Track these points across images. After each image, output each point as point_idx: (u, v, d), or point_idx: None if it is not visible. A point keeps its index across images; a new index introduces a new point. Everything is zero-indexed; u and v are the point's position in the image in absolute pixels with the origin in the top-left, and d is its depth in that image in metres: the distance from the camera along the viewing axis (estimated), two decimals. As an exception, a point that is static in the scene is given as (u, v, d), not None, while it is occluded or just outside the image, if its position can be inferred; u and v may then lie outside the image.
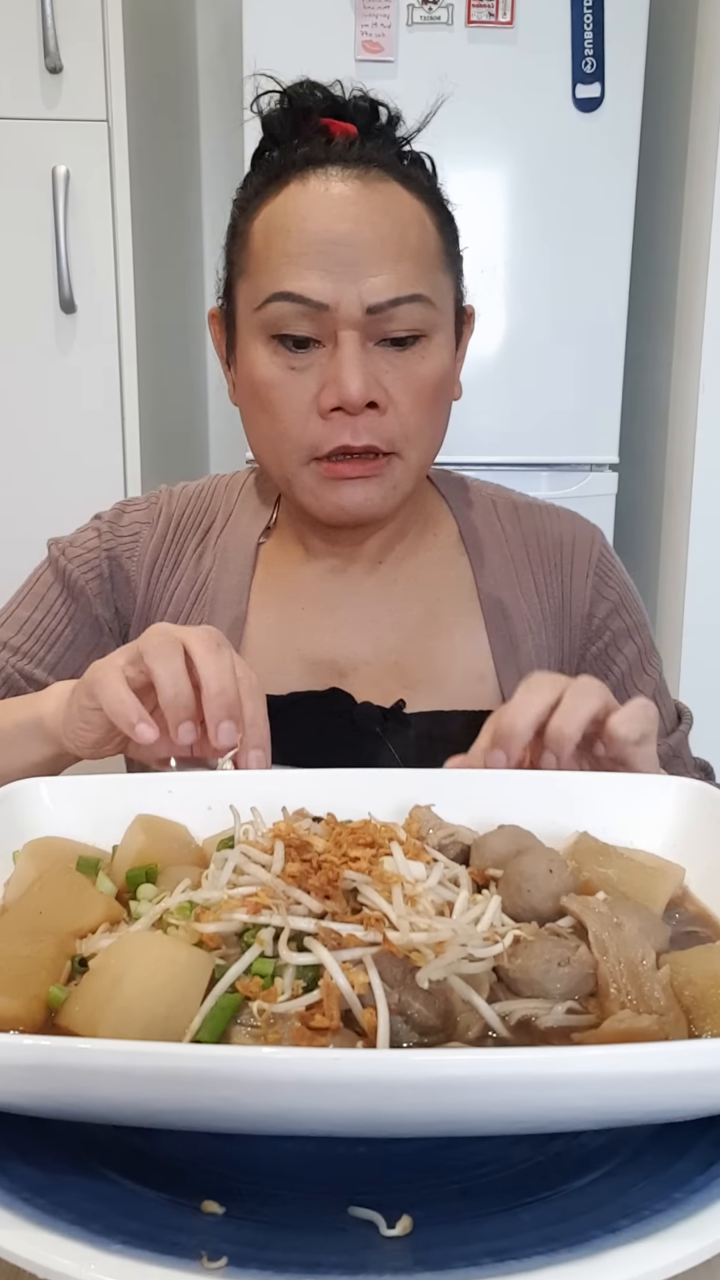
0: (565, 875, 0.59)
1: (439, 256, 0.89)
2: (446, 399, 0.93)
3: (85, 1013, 0.49)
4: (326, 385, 0.86)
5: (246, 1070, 0.41)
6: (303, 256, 0.84)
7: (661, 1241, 0.41)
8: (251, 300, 0.88)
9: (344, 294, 0.84)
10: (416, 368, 0.87)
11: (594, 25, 1.95)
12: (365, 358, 0.85)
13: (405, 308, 0.85)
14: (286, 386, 0.87)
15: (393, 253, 0.85)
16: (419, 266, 0.86)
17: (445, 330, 0.90)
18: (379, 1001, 0.48)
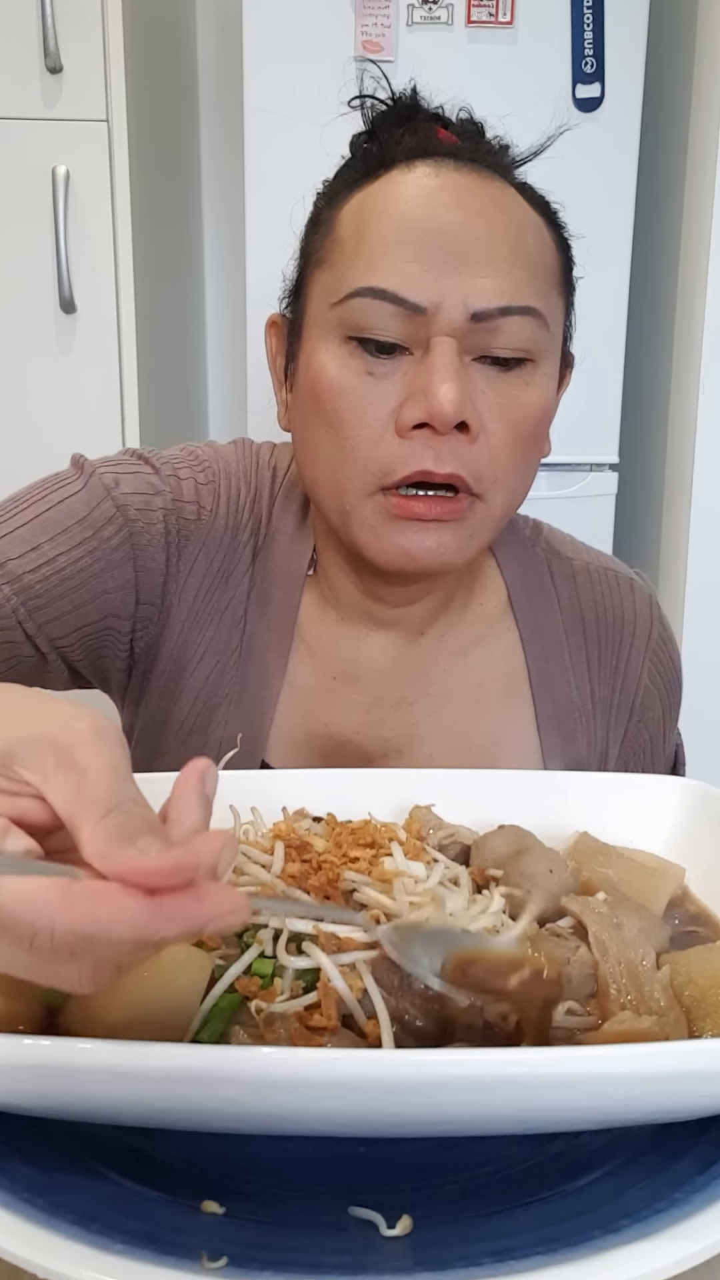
0: (565, 875, 0.59)
1: (557, 275, 0.78)
2: (542, 443, 0.80)
3: (85, 1013, 0.49)
4: (411, 397, 0.72)
5: (246, 1070, 0.41)
6: (402, 246, 0.71)
7: (661, 1241, 0.41)
8: (330, 293, 0.74)
9: (447, 294, 0.71)
10: (520, 394, 0.75)
11: (594, 25, 1.95)
12: (462, 372, 0.72)
13: (516, 320, 0.72)
14: (361, 394, 0.73)
15: (507, 254, 0.73)
16: (535, 277, 0.74)
17: (553, 360, 0.78)
18: (378, 1005, 0.48)
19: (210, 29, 2.50)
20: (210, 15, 2.49)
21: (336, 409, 0.74)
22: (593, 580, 0.91)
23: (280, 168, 1.90)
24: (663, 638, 0.93)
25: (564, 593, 0.90)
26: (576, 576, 0.91)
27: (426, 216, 0.72)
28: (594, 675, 0.89)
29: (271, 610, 0.84)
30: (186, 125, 2.47)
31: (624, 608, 0.91)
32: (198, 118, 2.54)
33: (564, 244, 0.80)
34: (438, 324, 0.72)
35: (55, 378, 1.98)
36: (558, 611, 0.89)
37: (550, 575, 0.91)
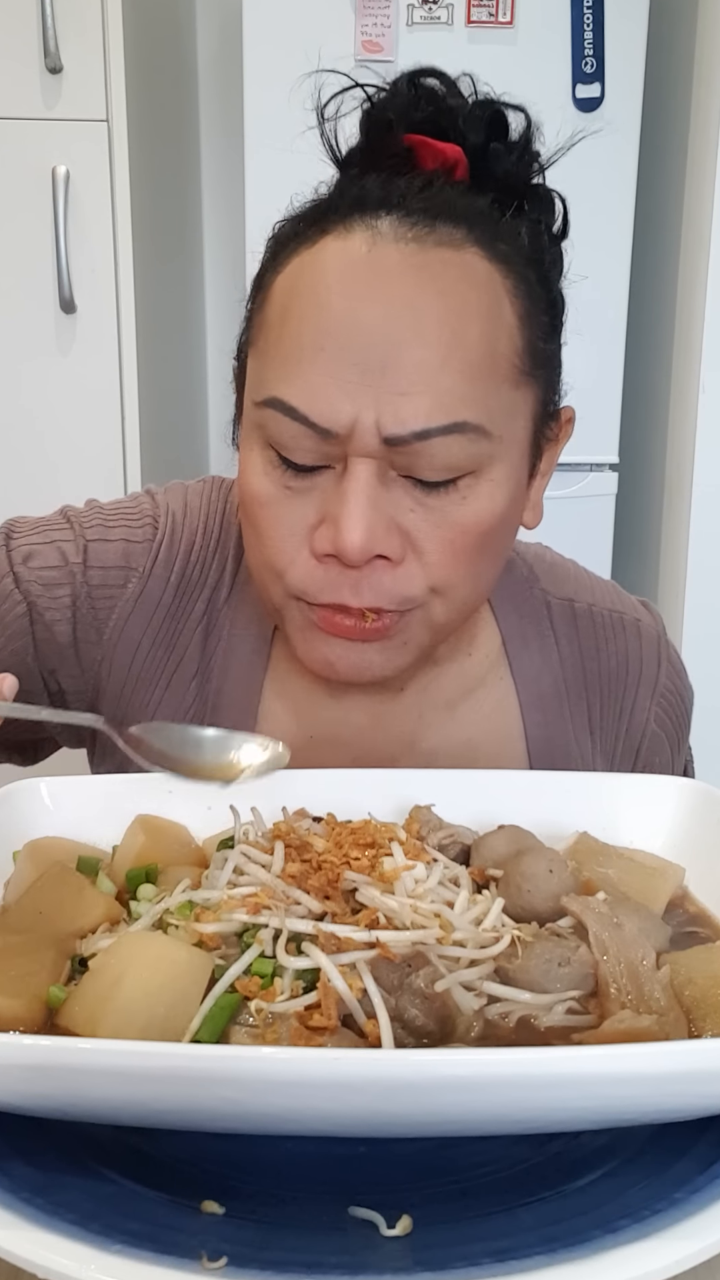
0: (565, 875, 0.59)
1: (512, 364, 0.67)
2: (502, 542, 0.71)
3: (85, 1013, 0.49)
4: (326, 521, 0.66)
5: (247, 1070, 0.41)
6: (317, 353, 0.64)
7: (661, 1241, 0.41)
8: (254, 389, 0.68)
9: (360, 414, 0.63)
10: (455, 511, 0.66)
11: (594, 25, 1.95)
12: (380, 496, 0.65)
13: (439, 442, 0.64)
14: (278, 509, 0.67)
15: (433, 363, 0.63)
16: (472, 380, 0.64)
17: (507, 462, 0.68)
18: (378, 1007, 0.49)
19: (210, 29, 2.50)
20: (210, 15, 2.49)
21: (256, 517, 0.69)
22: (595, 624, 0.84)
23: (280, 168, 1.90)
24: (671, 679, 0.86)
25: (564, 638, 0.83)
26: (578, 620, 0.84)
27: (346, 314, 0.64)
28: (595, 726, 0.83)
29: (237, 665, 0.79)
30: (186, 125, 2.47)
31: (629, 654, 0.84)
32: (198, 118, 2.54)
33: (540, 306, 0.71)
34: (352, 446, 0.64)
35: (55, 378, 1.98)
36: (557, 659, 0.83)
37: (550, 619, 0.83)
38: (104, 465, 2.02)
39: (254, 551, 0.71)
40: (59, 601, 0.78)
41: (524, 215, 0.71)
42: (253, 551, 0.72)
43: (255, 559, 0.72)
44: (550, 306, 0.72)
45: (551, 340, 0.72)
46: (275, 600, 0.71)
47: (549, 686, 0.82)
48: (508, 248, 0.68)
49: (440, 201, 0.67)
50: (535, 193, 0.72)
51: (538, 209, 0.73)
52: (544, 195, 0.73)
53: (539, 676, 0.82)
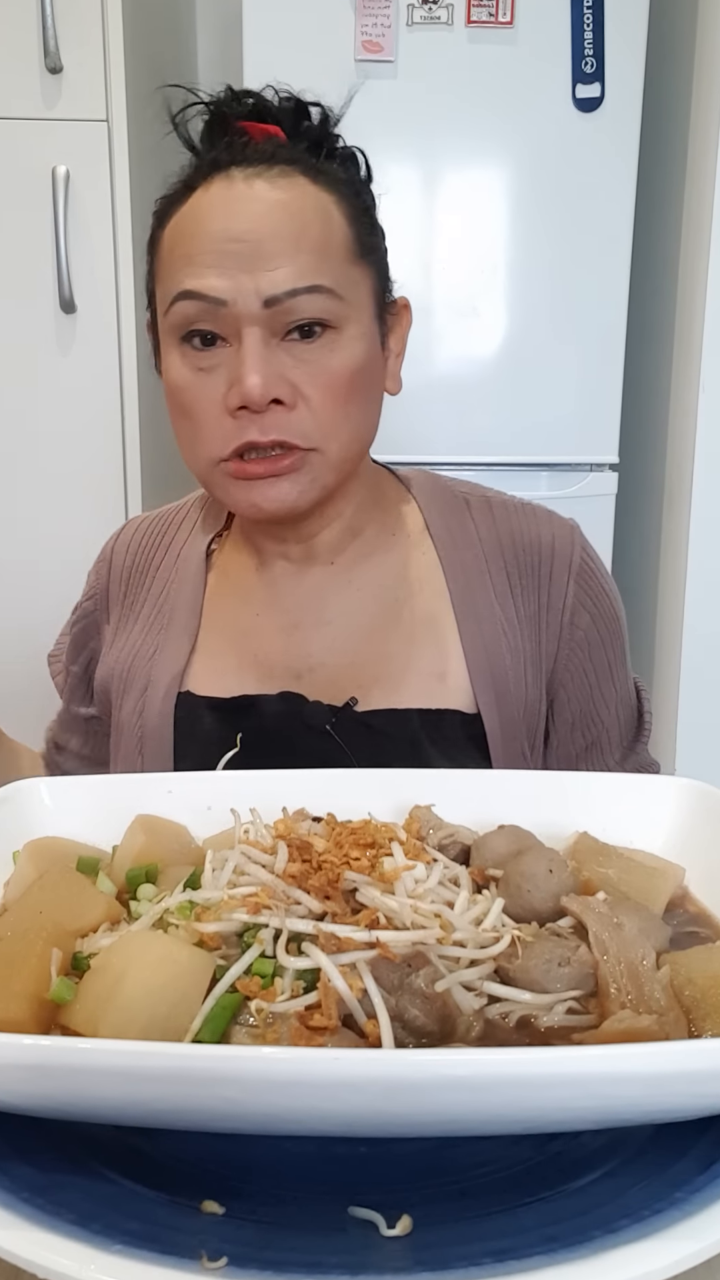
0: (565, 875, 0.59)
1: (347, 248, 0.87)
2: (367, 392, 0.89)
3: (86, 1012, 0.49)
4: (232, 385, 0.84)
5: (247, 1070, 0.41)
6: (201, 255, 0.84)
7: (661, 1241, 0.41)
8: (162, 304, 0.88)
9: (241, 288, 0.83)
10: (326, 360, 0.85)
11: (594, 25, 1.95)
12: (268, 354, 0.84)
13: (305, 299, 0.83)
14: (196, 389, 0.86)
15: (289, 246, 0.83)
16: (321, 258, 0.84)
17: (359, 322, 0.87)
18: (378, 1007, 0.49)
19: (210, 29, 2.50)
20: (210, 15, 2.49)
21: (182, 402, 0.88)
22: (509, 512, 0.99)
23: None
24: (588, 565, 0.97)
25: (483, 525, 0.98)
26: (494, 509, 0.99)
27: (219, 225, 0.85)
28: (517, 596, 0.96)
29: (185, 575, 0.99)
30: (186, 125, 2.46)
31: (541, 534, 0.97)
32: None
33: (360, 212, 0.89)
34: (241, 315, 0.83)
35: (55, 377, 1.98)
36: (477, 541, 0.97)
37: (469, 510, 0.99)
38: (104, 465, 2.03)
39: (185, 435, 0.89)
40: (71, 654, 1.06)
41: (334, 158, 0.91)
42: (184, 439, 0.90)
43: (186, 442, 0.89)
44: (367, 214, 0.91)
45: (373, 235, 0.90)
46: (203, 473, 0.89)
47: (471, 562, 0.96)
48: (327, 176, 0.88)
49: (269, 151, 0.87)
50: (339, 150, 0.92)
51: (343, 158, 0.92)
52: (347, 150, 0.92)
53: (460, 553, 0.97)
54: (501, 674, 0.92)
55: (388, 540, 0.98)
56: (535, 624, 0.95)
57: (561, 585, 0.96)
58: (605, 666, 0.98)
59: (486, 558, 0.97)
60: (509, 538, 0.97)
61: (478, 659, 0.93)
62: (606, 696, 0.98)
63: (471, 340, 2.08)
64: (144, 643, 0.99)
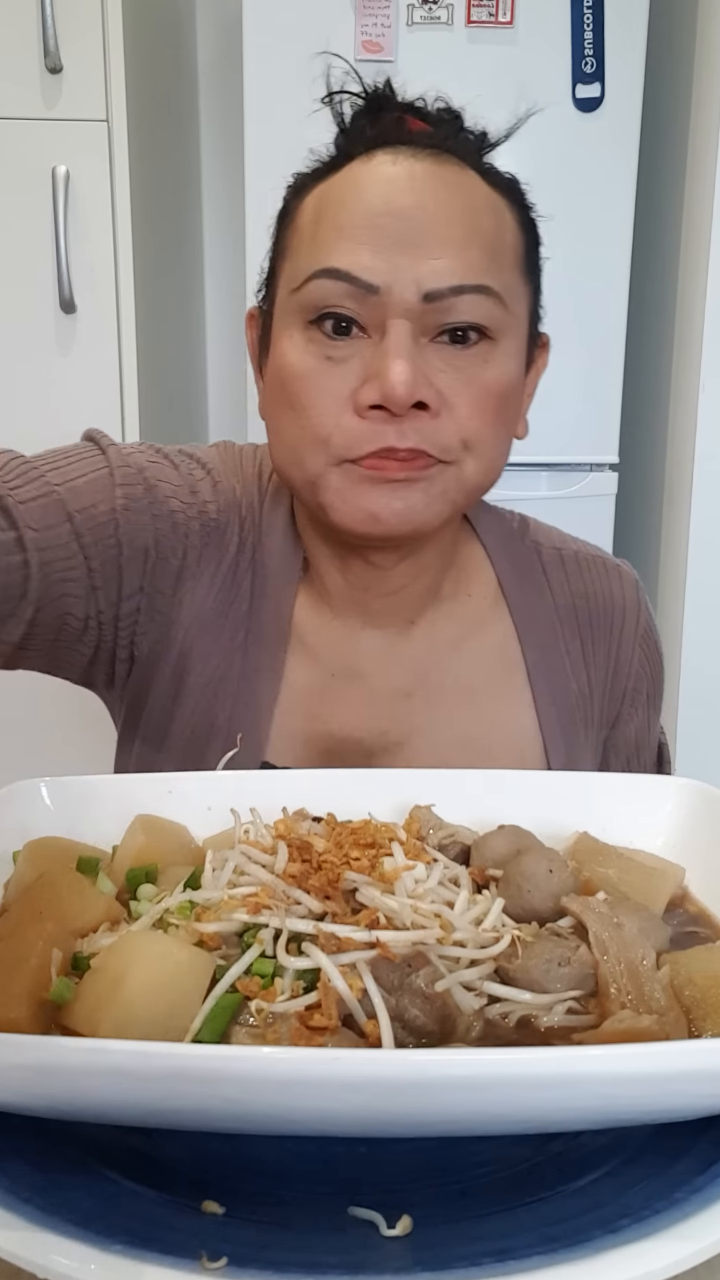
0: (565, 875, 0.59)
1: (516, 255, 0.78)
2: (510, 417, 0.80)
3: (86, 1012, 0.49)
4: (368, 380, 0.73)
5: (247, 1070, 0.41)
6: (356, 229, 0.73)
7: (661, 1241, 0.41)
8: (291, 281, 0.77)
9: (399, 275, 0.72)
10: (480, 371, 0.75)
11: (594, 25, 1.95)
12: (418, 352, 0.73)
13: (470, 299, 0.73)
14: (319, 378, 0.75)
15: (460, 236, 0.73)
16: (491, 257, 0.75)
17: (516, 339, 0.78)
18: (378, 1006, 0.49)
19: (210, 29, 2.50)
20: (210, 15, 2.49)
21: (297, 391, 0.75)
22: (582, 567, 0.92)
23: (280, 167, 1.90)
24: (649, 624, 0.94)
25: (555, 581, 0.91)
26: (566, 564, 0.92)
27: (380, 202, 0.74)
28: (589, 662, 0.90)
29: (267, 610, 0.85)
30: (186, 125, 2.47)
31: (613, 594, 0.92)
32: (198, 118, 2.54)
33: (529, 225, 0.81)
34: (392, 305, 0.73)
35: (55, 377, 1.98)
36: (550, 600, 0.90)
37: (541, 564, 0.91)
38: (104, 465, 2.02)
39: (291, 433, 0.77)
40: (177, 519, 0.83)
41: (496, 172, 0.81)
42: (289, 437, 0.77)
43: (292, 440, 0.77)
44: (534, 228, 0.81)
45: (536, 255, 0.81)
46: (312, 473, 0.76)
47: (544, 624, 0.89)
48: (496, 178, 0.80)
49: (441, 140, 0.78)
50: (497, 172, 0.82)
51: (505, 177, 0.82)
52: (506, 175, 0.82)
53: (535, 615, 0.89)
54: (576, 752, 0.88)
55: (464, 602, 0.89)
56: (604, 690, 0.90)
57: (630, 650, 0.91)
58: (645, 725, 0.95)
59: (561, 622, 0.90)
60: (583, 599, 0.91)
61: (555, 741, 0.87)
62: (644, 757, 0.95)
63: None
64: (234, 666, 0.84)
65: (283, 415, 0.78)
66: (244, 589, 0.85)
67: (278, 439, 0.80)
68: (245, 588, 0.85)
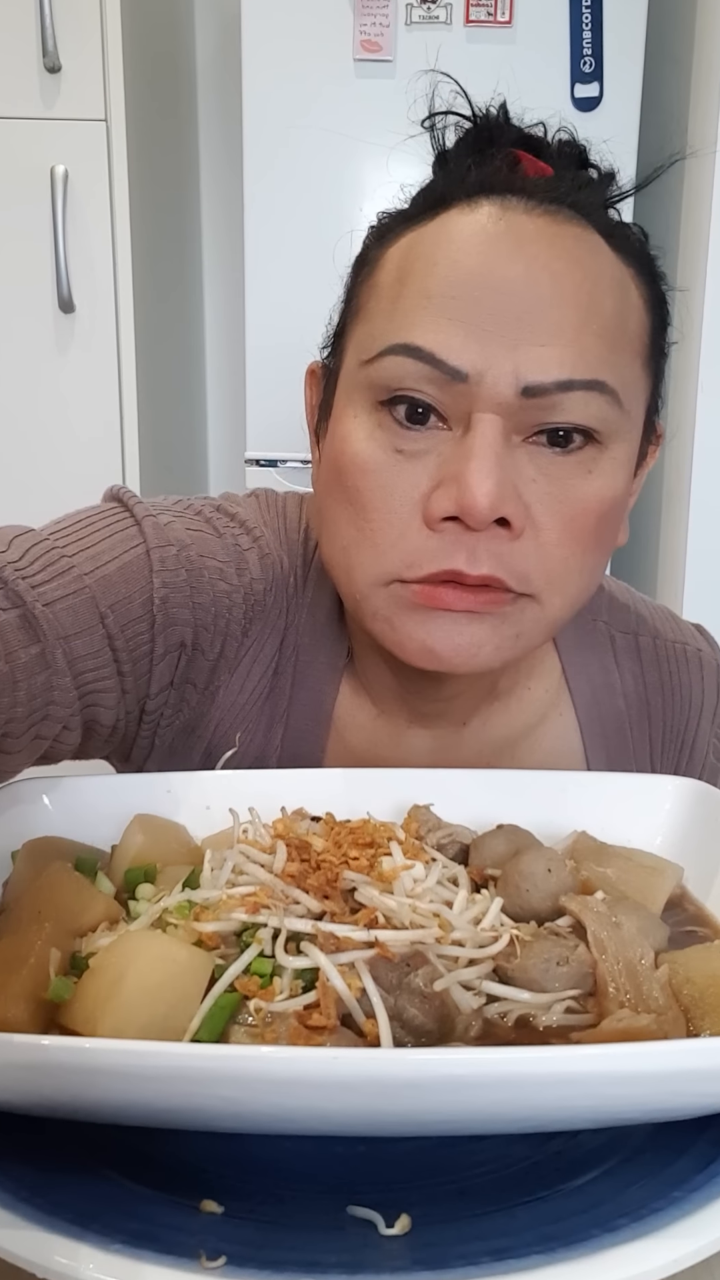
0: (564, 875, 0.59)
1: (641, 342, 0.65)
2: (609, 538, 0.68)
3: (85, 1012, 0.49)
4: (444, 483, 0.61)
5: (246, 1070, 0.41)
6: (447, 300, 0.61)
7: (660, 1240, 0.41)
8: (363, 349, 0.64)
9: (494, 361, 0.60)
10: (579, 484, 0.63)
11: (593, 25, 1.95)
12: (507, 455, 0.61)
13: (579, 396, 0.61)
14: (386, 474, 0.63)
15: (575, 318, 0.61)
16: (610, 346, 0.62)
17: (628, 444, 0.65)
18: (376, 1006, 0.49)
19: (210, 29, 2.50)
20: (210, 15, 2.49)
21: (358, 487, 0.64)
22: (659, 659, 0.82)
23: (279, 167, 1.90)
24: None
25: (628, 672, 0.81)
26: (642, 654, 0.82)
27: (480, 268, 0.61)
28: (656, 759, 0.82)
29: (306, 701, 0.76)
30: (185, 125, 2.47)
31: (692, 686, 0.82)
32: (196, 117, 2.54)
33: (659, 303, 0.68)
34: (482, 397, 0.61)
35: (54, 377, 1.98)
36: (620, 694, 0.80)
37: (614, 653, 0.81)
38: (103, 465, 2.03)
39: (345, 532, 0.65)
40: (220, 605, 0.73)
41: (624, 229, 0.68)
42: (342, 535, 0.66)
43: (345, 540, 0.66)
44: (663, 306, 0.68)
45: (663, 339, 0.68)
46: (359, 589, 0.66)
47: (612, 722, 0.80)
48: (624, 243, 0.67)
49: (561, 191, 0.65)
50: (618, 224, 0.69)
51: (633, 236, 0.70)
52: (635, 231, 0.70)
53: (602, 712, 0.79)
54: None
55: (523, 697, 0.79)
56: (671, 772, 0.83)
57: (704, 744, 0.83)
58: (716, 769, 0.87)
59: (631, 717, 0.80)
60: (658, 695, 0.81)
61: None
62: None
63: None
64: (269, 759, 0.76)
65: (338, 509, 0.66)
66: (285, 677, 0.76)
67: (328, 533, 0.68)
68: (287, 675, 0.76)
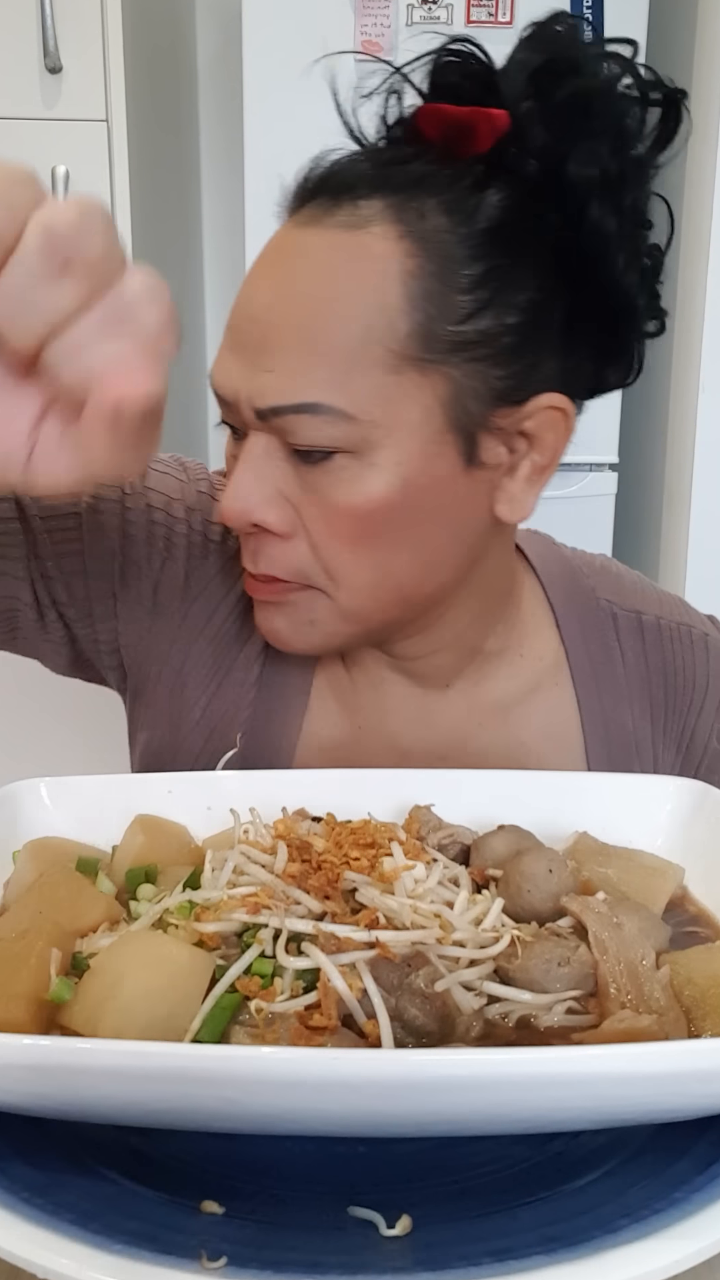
0: (565, 875, 0.59)
1: (388, 348, 0.63)
2: (411, 529, 0.67)
3: (85, 1012, 0.49)
4: None
5: (247, 1070, 0.41)
6: (228, 331, 0.67)
7: (661, 1241, 0.41)
8: None
9: (239, 388, 0.65)
10: (335, 492, 0.65)
11: (593, 25, 1.95)
12: (267, 467, 0.66)
13: (295, 419, 0.63)
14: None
15: (296, 341, 0.63)
16: (331, 365, 0.63)
17: (396, 446, 0.65)
18: (377, 1006, 0.49)
19: (210, 29, 2.50)
20: (210, 15, 2.49)
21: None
22: (663, 637, 0.82)
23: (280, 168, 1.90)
24: None
25: (630, 650, 0.81)
26: (645, 632, 0.82)
27: (244, 296, 0.66)
28: (658, 740, 0.81)
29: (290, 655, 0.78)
30: (186, 126, 2.47)
31: (696, 667, 0.82)
32: (197, 118, 2.54)
33: (471, 286, 0.64)
34: (244, 419, 0.66)
35: (55, 378, 1.98)
36: (621, 671, 0.81)
37: (615, 630, 0.82)
38: (104, 465, 2.02)
39: None
40: (172, 528, 0.78)
41: (500, 185, 0.65)
42: None
43: None
44: (480, 285, 0.64)
45: (480, 319, 0.64)
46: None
47: (610, 698, 0.80)
48: (435, 223, 0.64)
49: (357, 176, 0.66)
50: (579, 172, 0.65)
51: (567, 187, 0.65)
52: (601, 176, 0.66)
53: (601, 687, 0.80)
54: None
55: (516, 661, 0.79)
56: (673, 758, 0.83)
57: (707, 726, 0.82)
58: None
59: (631, 694, 0.80)
60: (660, 675, 0.81)
61: None
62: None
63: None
64: (244, 704, 0.78)
65: None
66: (252, 637, 0.78)
67: None
68: (252, 634, 0.78)
